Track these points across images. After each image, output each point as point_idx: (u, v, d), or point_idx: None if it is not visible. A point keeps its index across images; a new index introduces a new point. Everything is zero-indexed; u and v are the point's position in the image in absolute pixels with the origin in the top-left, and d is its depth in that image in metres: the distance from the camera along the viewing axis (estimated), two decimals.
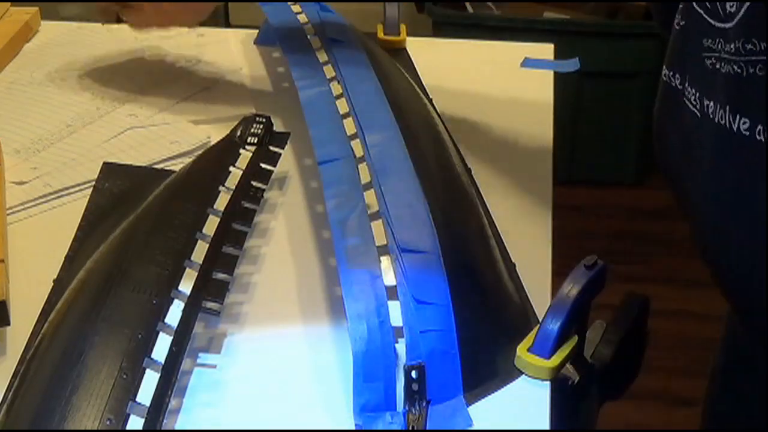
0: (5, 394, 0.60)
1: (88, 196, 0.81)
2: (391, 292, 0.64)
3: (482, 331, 0.66)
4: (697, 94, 0.65)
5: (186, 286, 0.66)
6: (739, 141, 0.61)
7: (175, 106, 0.99)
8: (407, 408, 0.60)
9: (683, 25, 0.66)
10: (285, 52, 0.95)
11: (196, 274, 0.67)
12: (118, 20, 1.00)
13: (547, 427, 0.61)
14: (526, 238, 0.78)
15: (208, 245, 0.70)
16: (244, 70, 1.06)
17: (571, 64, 0.98)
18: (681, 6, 0.66)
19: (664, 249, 2.24)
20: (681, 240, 2.26)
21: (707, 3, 0.62)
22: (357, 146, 0.78)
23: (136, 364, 0.59)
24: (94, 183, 0.83)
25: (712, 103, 0.63)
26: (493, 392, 0.63)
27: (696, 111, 0.65)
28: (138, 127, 0.94)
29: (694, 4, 0.64)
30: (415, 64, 1.03)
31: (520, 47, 0.99)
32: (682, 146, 0.69)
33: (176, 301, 0.65)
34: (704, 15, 0.63)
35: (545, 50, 1.05)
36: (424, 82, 0.98)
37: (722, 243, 0.67)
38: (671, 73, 0.69)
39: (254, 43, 1.11)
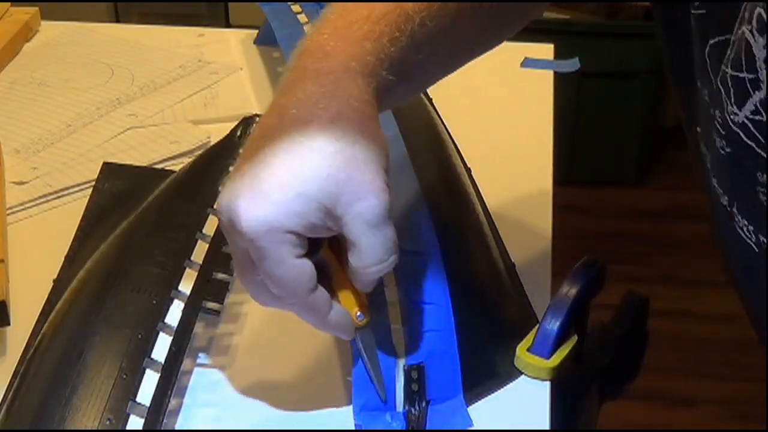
0: (5, 394, 0.60)
1: (88, 196, 0.81)
2: (391, 293, 0.64)
3: (482, 331, 0.66)
4: (751, 228, 0.57)
5: (186, 286, 0.66)
6: None
7: (175, 106, 0.99)
8: (407, 408, 0.60)
9: (729, 152, 0.56)
10: (285, 52, 0.95)
11: (196, 274, 0.67)
12: (118, 20, 1.00)
13: (547, 427, 0.61)
14: (526, 238, 0.78)
15: (207, 245, 0.70)
16: (244, 70, 1.06)
17: (571, 64, 0.98)
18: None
19: (664, 249, 2.23)
20: (681, 240, 2.26)
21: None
22: None
23: (136, 364, 0.59)
24: (94, 183, 0.83)
25: None
26: (493, 392, 0.63)
27: (752, 244, 0.58)
28: (138, 127, 0.94)
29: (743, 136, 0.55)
30: None
31: (520, 47, 0.99)
32: (744, 271, 0.62)
33: (176, 301, 0.65)
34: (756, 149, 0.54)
35: (545, 50, 1.05)
36: None
37: None
38: (720, 190, 0.59)
39: (254, 43, 1.11)
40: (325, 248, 0.57)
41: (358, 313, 0.59)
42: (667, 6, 0.62)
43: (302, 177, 0.53)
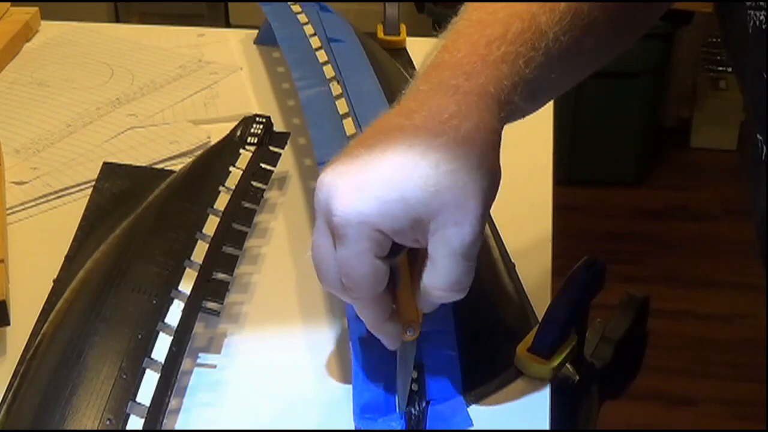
0: (5, 394, 0.60)
1: (88, 196, 0.81)
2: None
3: (482, 332, 0.66)
4: None
5: (186, 286, 0.66)
6: None
7: (175, 106, 0.99)
8: (407, 408, 0.60)
9: None
10: (285, 52, 0.95)
11: (196, 274, 0.67)
12: (118, 20, 1.00)
13: (547, 427, 0.61)
14: (526, 238, 0.78)
15: (208, 245, 0.70)
16: (244, 70, 1.06)
17: None
18: None
19: (664, 249, 2.24)
20: (681, 240, 2.26)
21: None
22: None
23: (136, 364, 0.59)
24: (94, 183, 0.83)
25: None
26: (493, 392, 0.63)
27: None
28: (138, 127, 0.94)
29: None
30: (415, 64, 1.03)
31: None
32: None
33: (176, 301, 0.65)
34: None
35: None
36: None
37: None
38: None
39: (254, 43, 1.11)
40: (403, 258, 0.57)
41: (410, 329, 0.59)
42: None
43: (410, 183, 0.53)
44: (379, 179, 0.53)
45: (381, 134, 0.55)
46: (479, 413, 0.61)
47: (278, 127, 0.87)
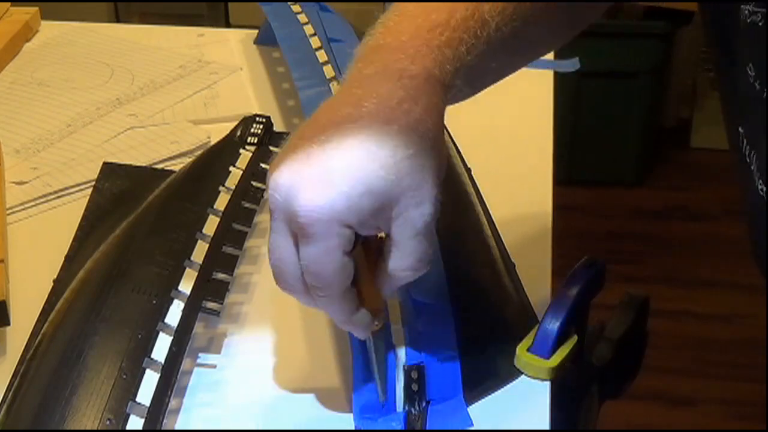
0: (5, 394, 0.60)
1: (88, 196, 0.81)
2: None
3: (482, 331, 0.66)
4: None
5: (186, 286, 0.66)
6: None
7: (175, 106, 0.99)
8: (407, 408, 0.60)
9: None
10: (285, 52, 0.95)
11: (196, 274, 0.67)
12: (118, 20, 1.00)
13: (547, 427, 0.61)
14: (526, 238, 0.78)
15: (208, 245, 0.70)
16: (244, 70, 1.06)
17: (571, 64, 0.98)
18: None
19: (664, 249, 2.24)
20: (681, 240, 2.26)
21: None
22: None
23: (136, 364, 0.59)
24: (94, 183, 0.83)
25: None
26: (493, 392, 0.63)
27: None
28: (138, 127, 0.95)
29: None
30: None
31: None
32: None
33: (176, 301, 0.65)
34: None
35: None
36: None
37: None
38: None
39: (254, 43, 1.11)
40: (358, 248, 0.57)
41: (377, 318, 0.59)
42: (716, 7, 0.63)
43: (372, 174, 0.53)
44: (342, 174, 0.53)
45: (331, 127, 0.55)
46: (479, 413, 0.61)
47: (278, 127, 0.87)
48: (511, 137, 0.94)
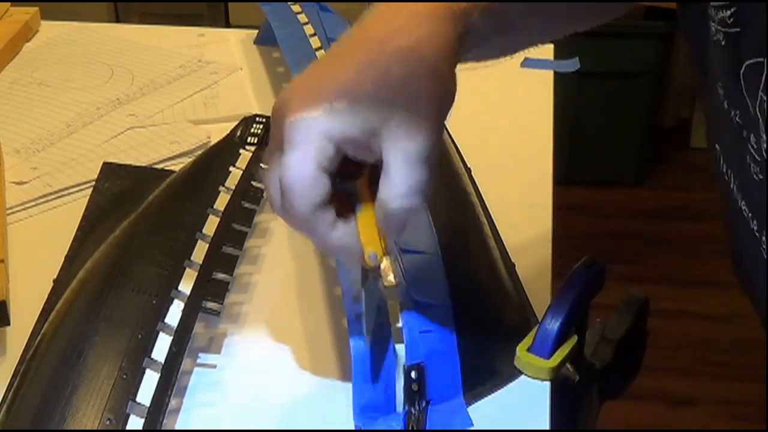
0: (5, 394, 0.60)
1: (88, 196, 0.81)
2: (391, 293, 0.64)
3: (482, 331, 0.66)
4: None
5: (186, 286, 0.66)
6: None
7: (175, 106, 0.99)
8: (407, 408, 0.60)
9: (763, 179, 0.57)
10: (285, 52, 0.95)
11: (196, 274, 0.67)
12: (118, 20, 1.00)
13: (547, 427, 0.61)
14: (526, 238, 0.78)
15: (208, 245, 0.70)
16: (244, 70, 1.06)
17: (571, 64, 0.97)
18: None
19: (664, 249, 2.24)
20: (681, 240, 2.26)
21: None
22: None
23: (136, 364, 0.59)
24: (94, 183, 0.83)
25: None
26: (493, 392, 0.63)
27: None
28: (138, 127, 0.95)
29: None
30: None
31: None
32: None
33: (176, 301, 0.65)
34: None
35: (545, 50, 1.05)
36: None
37: None
38: (749, 214, 0.61)
39: (254, 43, 1.11)
40: (363, 182, 0.56)
41: (372, 253, 0.57)
42: (690, 13, 0.62)
43: (361, 92, 0.53)
44: (331, 87, 0.53)
45: (335, 49, 0.57)
46: (479, 413, 0.61)
47: None
48: (511, 137, 0.94)
